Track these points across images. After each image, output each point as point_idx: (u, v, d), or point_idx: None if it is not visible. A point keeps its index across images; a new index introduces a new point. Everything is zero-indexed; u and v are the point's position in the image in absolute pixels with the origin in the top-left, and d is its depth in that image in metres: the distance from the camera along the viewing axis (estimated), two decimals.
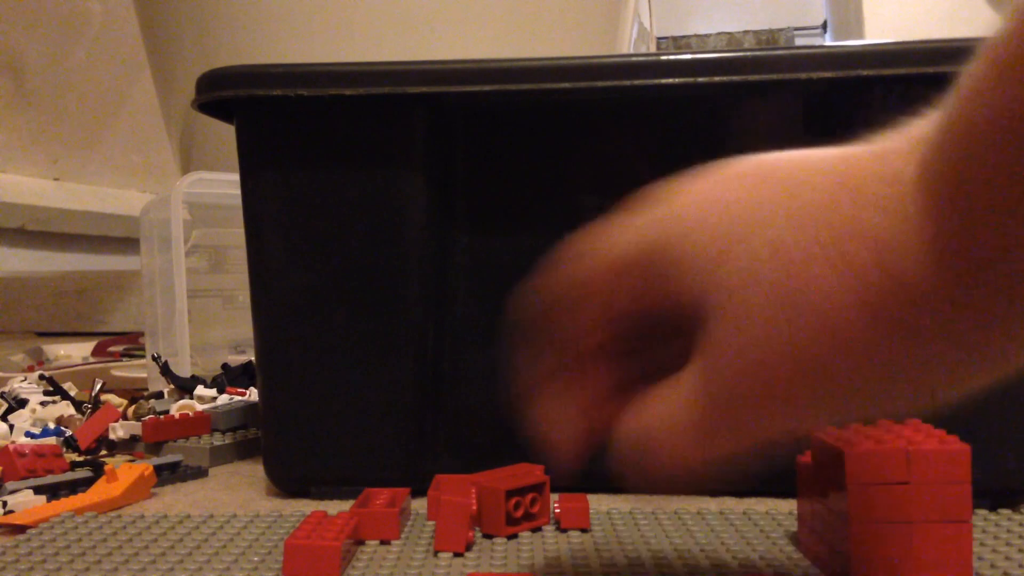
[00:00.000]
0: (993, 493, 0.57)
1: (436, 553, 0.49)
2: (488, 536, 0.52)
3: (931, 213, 0.28)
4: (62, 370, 1.32)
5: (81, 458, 0.75)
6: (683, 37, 5.72)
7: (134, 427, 0.81)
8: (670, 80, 0.58)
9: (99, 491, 0.62)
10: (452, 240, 0.64)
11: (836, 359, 0.30)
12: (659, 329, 0.35)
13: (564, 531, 0.53)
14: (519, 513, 0.52)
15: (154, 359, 1.00)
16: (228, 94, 0.62)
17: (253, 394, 0.92)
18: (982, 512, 0.56)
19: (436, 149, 0.63)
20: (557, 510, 0.54)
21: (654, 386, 0.35)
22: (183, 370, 1.01)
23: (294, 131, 0.63)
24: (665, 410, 0.34)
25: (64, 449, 0.75)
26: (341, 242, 0.63)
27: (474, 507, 0.52)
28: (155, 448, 0.77)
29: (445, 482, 0.54)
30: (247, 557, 0.48)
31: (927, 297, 0.28)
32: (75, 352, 1.66)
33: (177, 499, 0.65)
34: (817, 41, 5.50)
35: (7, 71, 2.09)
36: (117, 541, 0.51)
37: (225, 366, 1.01)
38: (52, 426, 0.85)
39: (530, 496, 0.53)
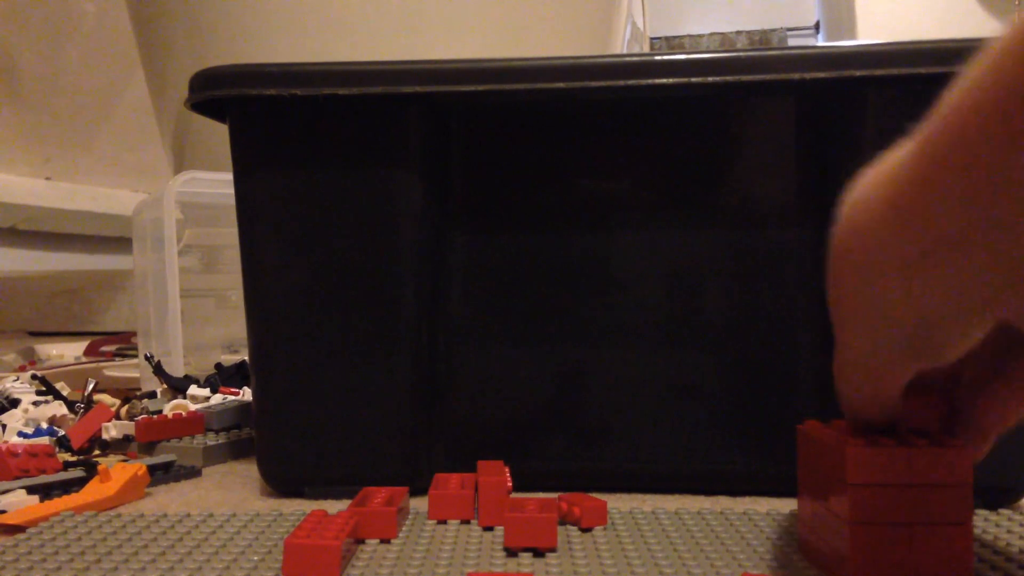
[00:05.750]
0: (992, 492, 0.57)
1: (484, 529, 0.49)
2: (488, 529, 0.53)
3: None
4: (54, 370, 1.32)
5: (74, 458, 0.75)
6: (676, 37, 5.73)
7: (127, 427, 0.81)
8: (664, 80, 0.58)
9: (92, 491, 0.62)
10: (447, 239, 0.64)
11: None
12: None
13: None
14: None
15: (147, 359, 1.00)
16: (222, 93, 0.62)
17: (246, 394, 0.92)
18: (982, 512, 0.56)
19: (431, 149, 0.63)
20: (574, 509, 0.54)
21: None
22: (176, 370, 1.01)
23: (288, 131, 0.63)
24: None
25: (57, 449, 0.75)
26: (336, 242, 0.63)
27: (510, 484, 0.56)
28: (148, 448, 0.77)
29: (483, 465, 0.58)
30: (247, 556, 0.48)
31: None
32: (67, 352, 1.66)
33: (171, 499, 0.64)
34: (810, 41, 5.52)
35: None
36: (116, 540, 0.51)
37: (218, 366, 1.01)
38: (45, 426, 0.85)
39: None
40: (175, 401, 0.89)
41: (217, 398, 0.90)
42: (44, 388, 0.99)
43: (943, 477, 0.41)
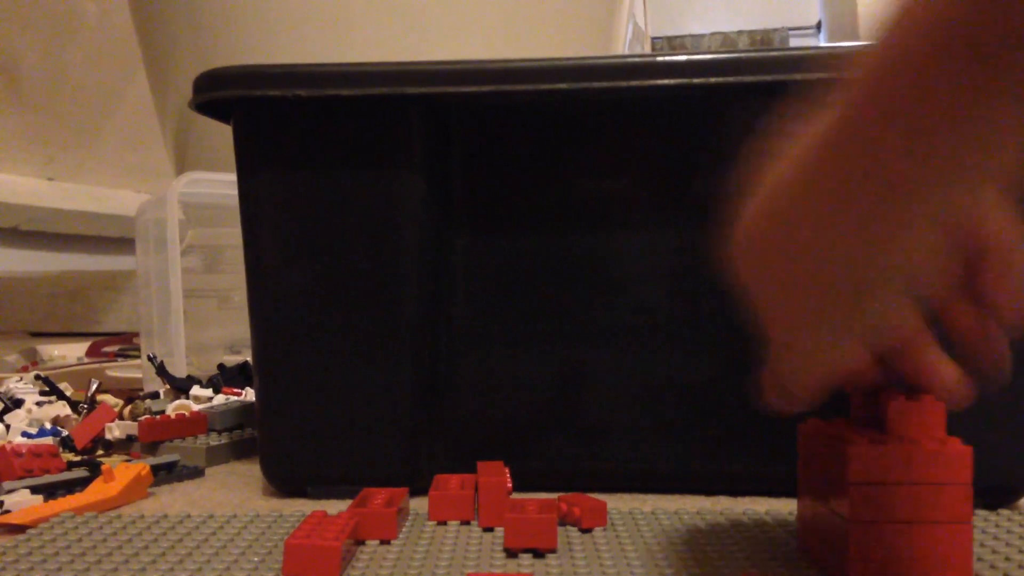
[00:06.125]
0: (992, 492, 0.57)
1: (484, 530, 0.49)
2: (488, 530, 0.53)
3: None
4: (58, 370, 1.32)
5: (78, 458, 0.75)
6: (678, 37, 5.72)
7: (130, 427, 0.81)
8: (666, 81, 0.59)
9: (96, 491, 0.62)
10: (449, 240, 0.64)
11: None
12: None
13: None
14: None
15: (150, 359, 1.00)
16: (226, 95, 0.62)
17: (249, 394, 0.92)
18: (982, 512, 0.56)
19: (433, 149, 0.63)
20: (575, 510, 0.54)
21: None
22: (179, 370, 1.01)
23: (291, 131, 0.63)
24: None
25: (61, 449, 0.75)
26: (338, 242, 0.63)
27: (510, 485, 0.56)
28: (151, 448, 0.77)
29: (483, 466, 0.57)
30: (247, 557, 0.48)
31: None
32: (69, 352, 1.66)
33: (174, 499, 0.64)
34: (811, 42, 5.51)
35: (1, 70, 2.09)
36: (117, 541, 0.51)
37: (221, 366, 1.01)
38: (48, 426, 0.85)
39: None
40: (178, 401, 0.89)
41: (220, 398, 0.90)
42: (47, 388, 0.99)
43: (943, 476, 0.41)
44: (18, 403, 0.91)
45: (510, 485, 0.58)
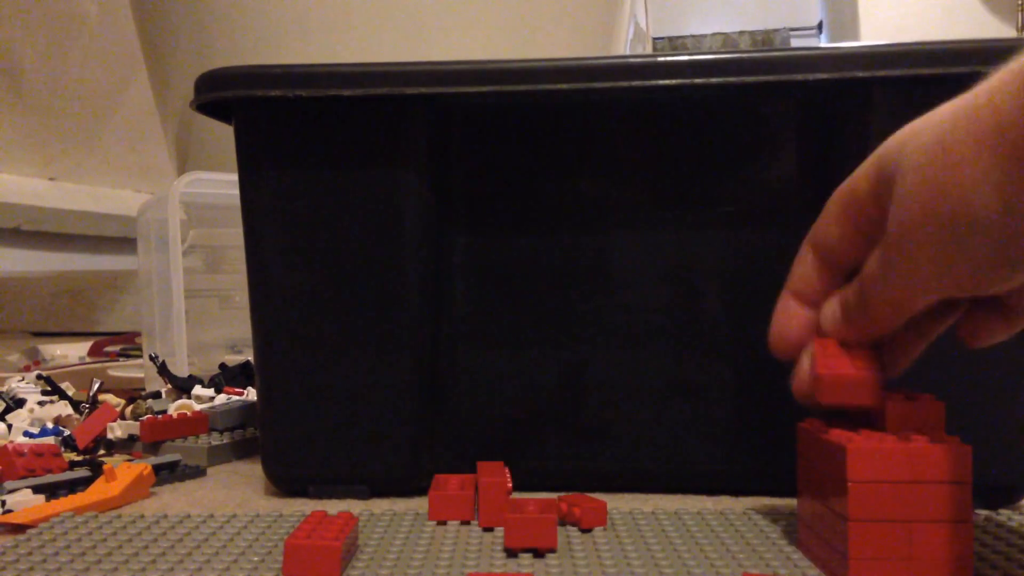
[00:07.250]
0: (992, 492, 0.57)
1: (484, 530, 0.50)
2: (488, 529, 0.53)
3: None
4: (59, 370, 1.32)
5: (80, 457, 0.75)
6: (679, 37, 5.73)
7: (132, 427, 0.81)
8: (667, 82, 0.59)
9: (98, 490, 0.62)
10: (450, 240, 0.64)
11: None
12: None
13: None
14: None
15: (152, 359, 1.00)
16: (227, 95, 0.62)
17: (251, 394, 0.92)
18: (982, 512, 0.56)
19: (434, 149, 0.63)
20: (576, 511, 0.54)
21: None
22: (180, 370, 1.01)
23: (293, 131, 0.63)
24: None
25: (62, 448, 0.75)
26: (340, 242, 0.63)
27: (510, 485, 0.56)
28: (153, 448, 0.78)
29: (483, 466, 0.57)
30: (247, 557, 0.48)
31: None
32: (71, 352, 1.67)
33: (176, 498, 0.65)
34: (812, 42, 5.51)
35: (2, 71, 2.09)
36: (117, 541, 0.51)
37: (223, 366, 1.01)
38: (50, 426, 0.85)
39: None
40: (180, 401, 0.89)
41: (221, 398, 0.91)
42: (49, 388, 0.99)
43: (943, 474, 0.41)
44: (20, 403, 0.92)
45: (510, 485, 0.58)
